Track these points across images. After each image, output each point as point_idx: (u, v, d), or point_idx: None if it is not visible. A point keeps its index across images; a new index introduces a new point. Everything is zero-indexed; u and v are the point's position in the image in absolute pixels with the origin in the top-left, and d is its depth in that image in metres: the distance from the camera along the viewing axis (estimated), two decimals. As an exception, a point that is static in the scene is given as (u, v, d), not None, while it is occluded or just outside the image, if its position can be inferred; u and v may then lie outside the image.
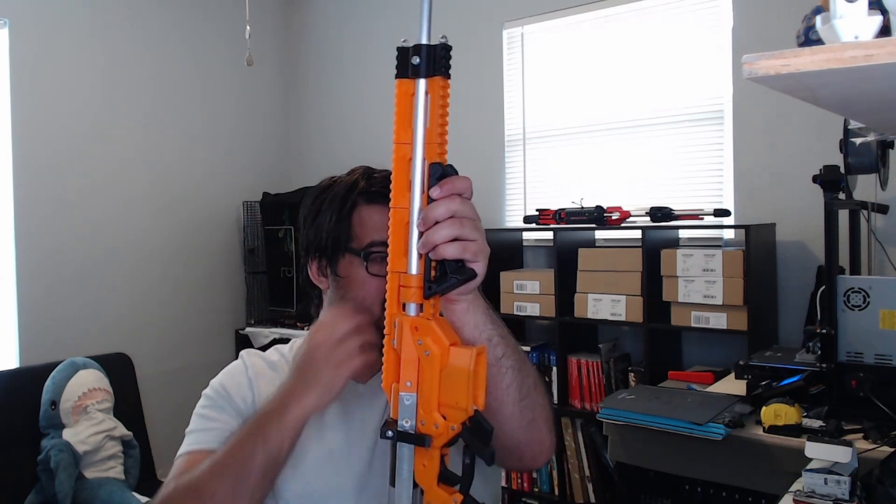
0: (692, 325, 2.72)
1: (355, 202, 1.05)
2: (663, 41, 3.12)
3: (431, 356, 0.71)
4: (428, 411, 0.71)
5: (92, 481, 2.56)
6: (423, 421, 0.71)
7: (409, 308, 0.73)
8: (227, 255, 4.08)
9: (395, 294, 0.74)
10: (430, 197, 0.73)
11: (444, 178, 0.73)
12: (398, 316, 0.74)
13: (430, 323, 0.73)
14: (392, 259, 0.74)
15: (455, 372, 0.71)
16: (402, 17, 3.94)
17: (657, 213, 2.83)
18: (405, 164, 0.74)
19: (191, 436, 1.05)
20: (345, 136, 4.22)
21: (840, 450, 1.35)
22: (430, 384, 0.71)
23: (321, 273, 1.09)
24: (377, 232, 1.03)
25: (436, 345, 0.72)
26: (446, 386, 0.71)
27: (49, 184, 3.30)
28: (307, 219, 1.10)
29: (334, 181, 1.11)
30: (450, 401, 0.71)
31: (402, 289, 0.73)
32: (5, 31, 3.17)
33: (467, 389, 0.70)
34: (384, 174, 1.10)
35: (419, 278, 0.73)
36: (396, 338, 0.73)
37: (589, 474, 2.96)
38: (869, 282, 1.91)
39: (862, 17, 0.71)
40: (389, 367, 0.74)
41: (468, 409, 0.71)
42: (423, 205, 0.74)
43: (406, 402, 0.72)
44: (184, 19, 3.88)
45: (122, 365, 2.97)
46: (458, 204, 0.74)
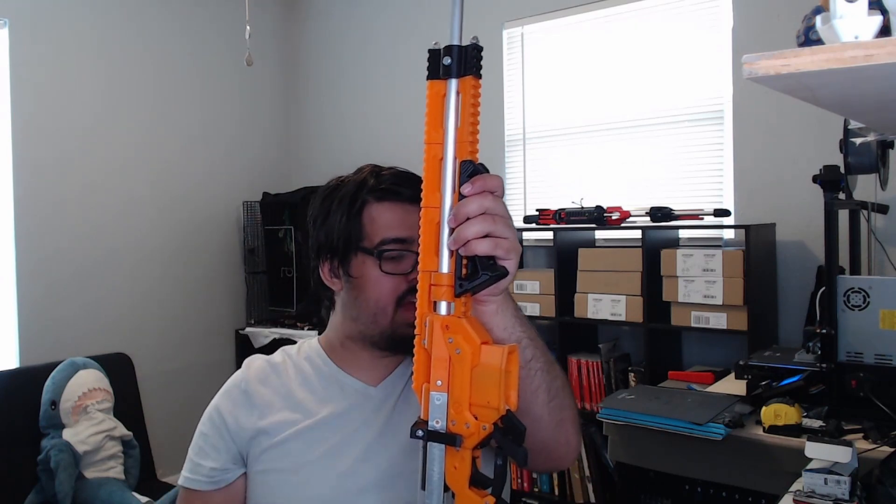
0: (692, 325, 2.73)
1: (365, 200, 1.04)
2: (663, 41, 3.12)
3: (462, 354, 0.71)
4: (459, 411, 0.70)
5: (92, 481, 2.56)
6: (453, 421, 0.70)
7: (440, 307, 0.73)
8: (227, 255, 4.08)
9: (426, 293, 0.73)
10: (462, 194, 0.73)
11: (475, 176, 0.73)
12: (429, 315, 0.73)
13: (461, 321, 0.72)
14: (423, 258, 0.74)
15: (487, 370, 0.70)
16: (403, 17, 3.94)
17: (657, 213, 2.83)
18: (436, 164, 0.73)
19: (188, 464, 1.09)
20: (345, 136, 4.22)
21: (840, 450, 1.35)
22: (462, 383, 0.70)
23: (334, 274, 1.07)
24: (388, 230, 1.03)
25: (467, 343, 0.71)
26: (478, 385, 0.70)
27: (49, 184, 3.30)
28: (317, 220, 1.09)
29: (342, 181, 1.09)
30: (481, 400, 0.70)
31: (433, 287, 0.73)
32: (5, 31, 3.17)
33: (499, 388, 0.69)
34: (393, 171, 1.09)
35: (450, 276, 0.72)
36: (427, 337, 0.72)
37: (589, 474, 2.96)
38: (869, 282, 1.91)
39: (862, 17, 0.71)
40: (420, 366, 0.73)
41: (500, 408, 0.69)
42: (454, 203, 0.73)
43: (437, 401, 0.71)
44: (184, 19, 3.88)
45: (122, 365, 2.97)
46: (489, 201, 0.74)
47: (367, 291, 1.03)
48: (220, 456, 1.07)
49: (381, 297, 1.02)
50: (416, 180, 1.08)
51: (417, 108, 3.12)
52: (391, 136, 3.96)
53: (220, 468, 1.07)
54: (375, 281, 1.02)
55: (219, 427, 1.08)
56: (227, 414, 1.08)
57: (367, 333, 1.05)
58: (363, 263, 1.03)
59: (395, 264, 1.02)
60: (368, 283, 1.03)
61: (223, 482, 1.08)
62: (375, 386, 1.07)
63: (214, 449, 1.08)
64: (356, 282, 1.04)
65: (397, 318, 1.02)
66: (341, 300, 1.09)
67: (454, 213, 0.73)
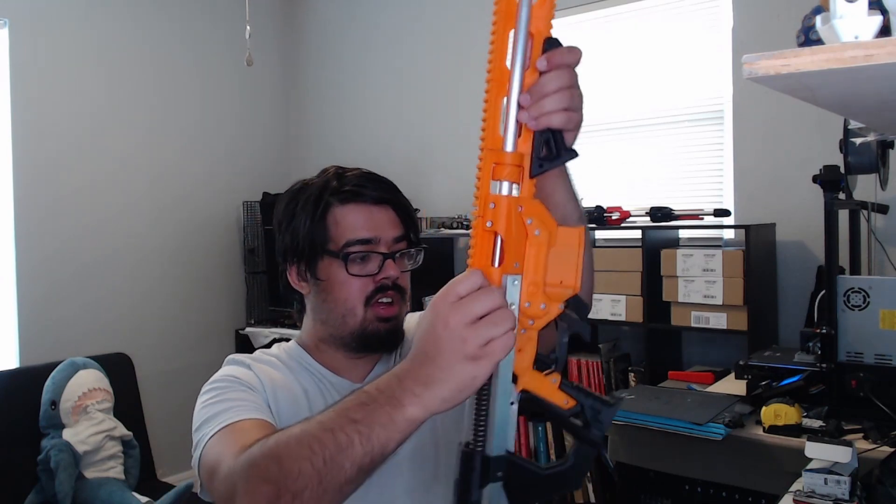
0: (692, 325, 2.72)
1: (329, 203, 1.04)
2: (663, 41, 3.12)
3: (541, 236, 0.69)
4: (534, 292, 0.68)
5: (92, 481, 2.56)
6: (528, 302, 0.68)
7: (503, 187, 0.68)
8: (227, 255, 4.08)
9: (488, 173, 0.69)
10: (537, 67, 0.70)
11: (552, 50, 0.70)
12: (496, 197, 0.68)
13: (537, 202, 0.70)
14: (487, 136, 0.69)
15: (563, 251, 0.69)
16: (402, 17, 3.94)
17: (657, 213, 2.83)
18: (504, 36, 0.70)
19: (216, 418, 0.93)
20: (344, 136, 4.22)
21: (840, 450, 1.35)
22: (538, 264, 0.69)
23: (301, 278, 1.08)
24: (353, 231, 1.03)
25: (544, 224, 0.69)
26: (552, 266, 0.69)
27: (49, 184, 3.30)
28: (282, 224, 1.09)
29: (305, 184, 1.09)
30: (554, 280, 0.69)
31: (497, 167, 0.69)
32: (5, 31, 3.17)
33: (576, 269, 0.69)
34: (357, 172, 1.09)
35: (516, 156, 0.69)
36: (493, 219, 0.68)
37: (589, 474, 2.96)
38: (869, 282, 1.91)
39: (862, 17, 0.71)
40: (481, 249, 0.68)
41: (576, 287, 0.68)
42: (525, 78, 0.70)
43: (513, 283, 0.68)
44: (184, 19, 3.88)
45: (122, 365, 2.97)
46: (567, 77, 0.71)
47: (335, 293, 1.04)
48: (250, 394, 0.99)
49: (349, 298, 1.03)
50: (378, 180, 1.08)
51: (417, 107, 3.15)
52: (391, 136, 3.96)
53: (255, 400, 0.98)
54: (342, 283, 1.03)
55: (236, 381, 1.01)
56: (239, 375, 1.02)
57: (337, 335, 1.06)
58: (329, 266, 1.04)
59: (362, 266, 1.03)
60: (335, 285, 1.03)
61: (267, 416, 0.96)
62: (359, 383, 1.07)
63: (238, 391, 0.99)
64: (324, 284, 1.05)
65: (367, 317, 1.03)
66: (310, 303, 1.10)
67: (532, 90, 0.70)
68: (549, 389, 0.69)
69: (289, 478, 0.71)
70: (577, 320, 0.69)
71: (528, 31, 0.69)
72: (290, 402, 1.03)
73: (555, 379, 0.69)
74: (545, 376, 0.70)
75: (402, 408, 0.69)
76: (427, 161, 3.73)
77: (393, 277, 1.04)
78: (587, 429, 0.69)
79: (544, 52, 0.71)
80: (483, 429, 0.68)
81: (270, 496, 0.71)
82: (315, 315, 1.09)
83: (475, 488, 0.67)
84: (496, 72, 0.69)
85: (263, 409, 0.98)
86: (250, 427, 0.90)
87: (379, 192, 1.06)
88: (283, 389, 1.04)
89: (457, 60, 3.66)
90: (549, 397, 0.69)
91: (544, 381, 0.69)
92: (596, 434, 0.69)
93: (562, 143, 0.72)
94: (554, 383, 0.69)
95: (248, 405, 0.96)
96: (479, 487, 0.67)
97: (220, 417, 0.93)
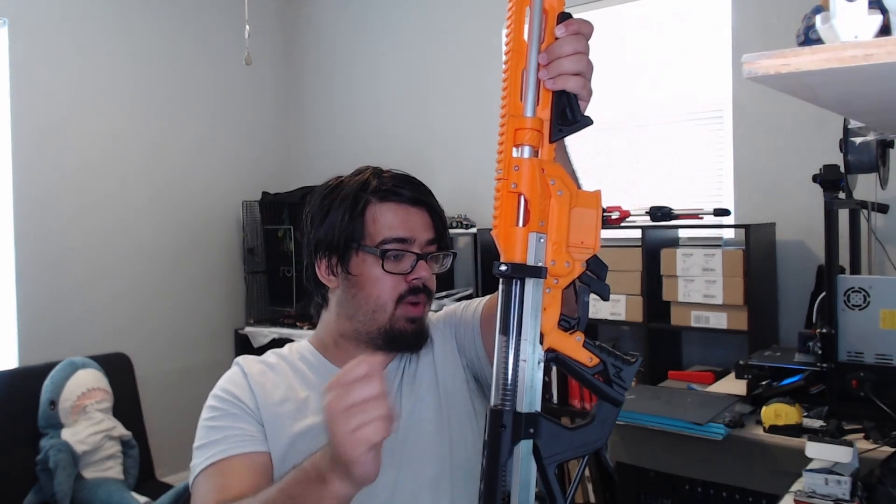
0: (692, 325, 2.72)
1: (367, 200, 1.06)
2: (663, 41, 3.12)
3: (564, 196, 0.72)
4: (558, 251, 0.71)
5: (91, 481, 2.56)
6: (553, 261, 0.71)
7: (524, 151, 0.72)
8: (226, 255, 4.08)
9: (511, 138, 0.72)
10: (556, 35, 0.73)
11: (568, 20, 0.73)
12: (520, 160, 0.71)
13: (557, 164, 0.73)
14: (508, 102, 0.73)
15: (584, 212, 0.72)
16: (402, 17, 3.94)
17: (657, 212, 2.82)
18: (522, 12, 0.73)
19: (209, 448, 0.99)
20: (344, 136, 4.21)
21: (840, 450, 1.35)
22: (561, 224, 0.71)
23: (331, 272, 1.09)
24: (390, 229, 1.05)
25: (566, 185, 0.72)
26: (574, 226, 0.72)
27: (48, 184, 3.30)
28: (315, 217, 1.10)
29: (342, 181, 1.11)
30: (576, 241, 0.71)
31: (519, 132, 0.72)
32: (5, 30, 3.17)
33: (596, 229, 0.72)
34: (393, 173, 1.11)
35: (536, 121, 0.72)
36: (517, 181, 0.71)
37: (589, 474, 2.96)
38: (869, 281, 1.91)
39: (862, 16, 0.71)
40: (507, 210, 0.71)
41: (595, 247, 0.72)
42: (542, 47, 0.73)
43: (539, 241, 0.70)
44: (183, 19, 3.87)
45: (122, 365, 2.97)
46: (582, 43, 0.74)
47: (367, 289, 1.05)
48: (244, 424, 1.02)
49: (382, 294, 1.04)
50: (415, 183, 1.11)
51: (417, 108, 3.15)
52: (390, 136, 3.96)
53: (247, 430, 1.01)
54: (376, 279, 1.04)
55: (232, 402, 1.04)
56: (236, 391, 1.05)
57: (364, 330, 1.07)
58: (364, 261, 1.05)
59: (396, 263, 1.05)
60: (368, 280, 1.05)
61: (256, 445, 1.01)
62: None
63: (234, 419, 1.02)
64: (355, 279, 1.06)
65: (396, 315, 1.05)
66: (336, 298, 1.10)
67: (548, 50, 0.72)
68: (573, 348, 0.72)
69: None
70: (596, 280, 0.72)
71: (543, 7, 0.72)
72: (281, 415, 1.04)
73: (578, 337, 0.72)
74: (570, 335, 0.72)
75: (326, 485, 0.76)
76: (427, 161, 3.73)
77: (424, 278, 1.07)
78: (610, 386, 0.71)
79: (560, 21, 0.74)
80: (511, 387, 0.69)
81: None
82: (341, 310, 1.10)
83: (505, 446, 0.69)
84: (515, 43, 0.72)
85: (254, 434, 1.02)
86: (235, 467, 0.97)
87: (416, 194, 1.09)
88: (276, 401, 1.05)
89: (457, 60, 3.66)
90: (574, 355, 0.72)
91: (569, 339, 0.71)
92: (618, 392, 0.71)
93: (578, 109, 0.74)
94: (578, 342, 0.72)
95: (239, 435, 1.00)
96: (512, 444, 0.69)
97: (212, 449, 0.99)
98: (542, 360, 0.70)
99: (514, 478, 0.69)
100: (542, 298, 0.70)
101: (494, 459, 0.69)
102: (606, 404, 0.72)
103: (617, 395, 0.71)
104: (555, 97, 0.73)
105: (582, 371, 0.71)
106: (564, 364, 0.72)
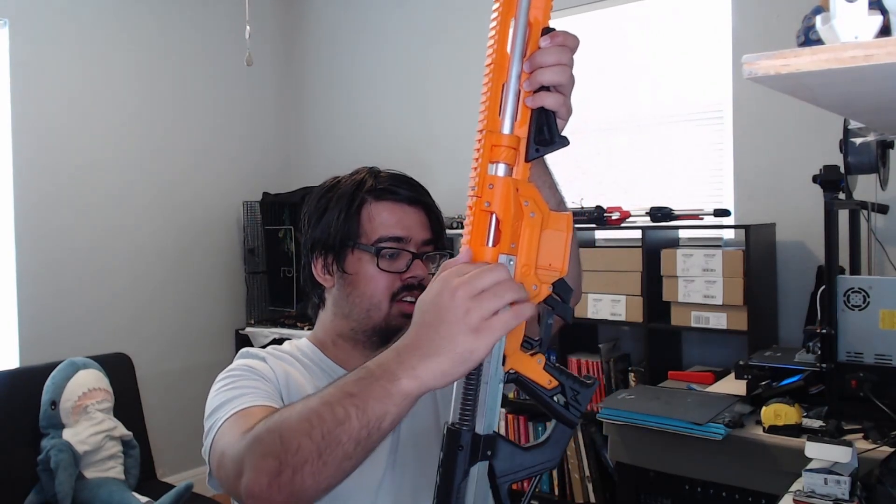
0: (692, 325, 2.72)
1: (364, 199, 1.07)
2: (663, 41, 3.12)
3: (536, 218, 0.71)
4: (527, 273, 0.70)
5: (92, 481, 2.56)
6: (521, 283, 0.70)
7: (498, 169, 0.71)
8: (227, 255, 4.08)
9: (487, 155, 0.71)
10: (540, 46, 0.72)
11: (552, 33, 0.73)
12: (494, 178, 0.70)
13: (532, 185, 0.72)
14: (487, 117, 0.72)
15: (553, 235, 0.71)
16: (402, 18, 3.94)
17: (657, 213, 2.83)
18: (506, 24, 0.72)
19: (227, 404, 0.93)
20: (344, 136, 4.21)
21: (840, 450, 1.35)
22: (532, 246, 0.71)
23: (327, 271, 1.09)
24: (386, 228, 1.06)
25: (538, 207, 0.71)
26: (543, 249, 0.71)
27: (48, 184, 3.30)
28: (312, 217, 1.11)
29: (339, 180, 1.12)
30: (544, 263, 0.71)
31: (495, 149, 0.71)
32: (5, 30, 3.17)
33: (564, 252, 0.71)
34: (390, 173, 1.12)
35: (513, 139, 0.71)
36: (491, 200, 0.70)
37: (589, 474, 2.96)
38: (869, 282, 1.91)
39: (862, 17, 0.71)
40: (478, 229, 0.70)
41: (563, 270, 0.71)
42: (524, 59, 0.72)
43: (509, 263, 0.70)
44: (184, 19, 3.88)
45: (122, 365, 2.97)
46: (567, 56, 0.73)
47: (362, 287, 1.05)
48: (263, 383, 0.99)
49: (377, 292, 1.05)
50: (412, 182, 1.12)
51: (417, 108, 3.15)
52: (390, 136, 3.96)
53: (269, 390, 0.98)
54: (371, 277, 1.05)
55: (250, 370, 1.02)
56: (254, 365, 1.03)
57: (359, 329, 1.07)
58: (359, 260, 1.06)
59: (391, 262, 1.05)
60: (363, 279, 1.05)
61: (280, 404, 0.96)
62: None
63: (255, 379, 1.00)
64: (350, 278, 1.06)
65: (391, 312, 1.05)
66: (332, 297, 1.11)
67: (531, 59, 0.71)
68: (534, 370, 0.72)
69: (289, 452, 0.71)
70: (560, 303, 0.72)
71: (528, 20, 0.71)
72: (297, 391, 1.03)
73: (540, 360, 0.72)
74: (531, 357, 0.72)
75: (396, 381, 0.68)
76: (426, 161, 3.73)
77: (420, 277, 1.06)
78: (566, 409, 0.72)
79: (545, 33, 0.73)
80: (471, 408, 0.69)
81: (272, 471, 0.71)
82: (337, 309, 1.10)
83: (461, 467, 0.69)
84: (498, 56, 0.71)
85: (276, 398, 0.98)
86: (260, 413, 0.88)
87: (413, 193, 1.10)
88: (296, 385, 1.04)
89: (457, 60, 3.66)
90: (534, 377, 0.72)
91: (531, 361, 0.72)
92: (574, 414, 0.72)
93: (556, 129, 0.73)
94: (539, 364, 0.72)
95: (260, 392, 0.96)
96: (469, 465, 0.69)
97: (233, 403, 0.93)
98: (504, 381, 0.71)
99: (469, 499, 0.69)
100: None
101: (449, 479, 0.69)
102: (562, 426, 0.72)
103: (572, 416, 0.72)
104: (534, 115, 0.72)
105: (541, 393, 0.72)
106: (524, 385, 0.72)
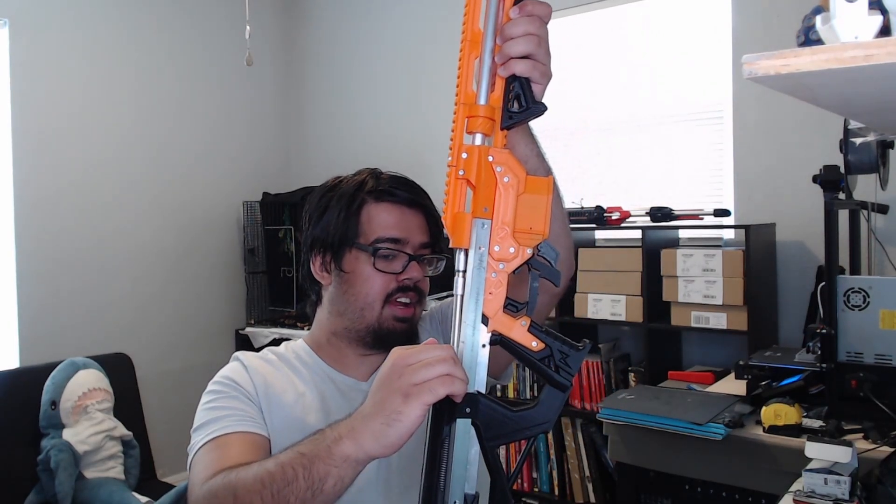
0: (692, 325, 2.72)
1: (364, 200, 1.08)
2: (663, 41, 3.12)
3: (510, 182, 0.72)
4: (504, 236, 0.72)
5: (92, 481, 2.56)
6: (497, 246, 0.72)
7: (476, 139, 0.73)
8: (227, 255, 4.08)
9: (461, 126, 0.74)
10: (510, 17, 0.74)
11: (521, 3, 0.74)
12: (469, 147, 0.73)
13: (506, 152, 0.73)
14: (461, 91, 0.74)
15: (532, 199, 0.72)
16: (402, 18, 3.94)
17: (657, 213, 2.83)
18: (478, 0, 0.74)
19: (208, 426, 0.99)
20: (344, 136, 4.22)
21: (840, 450, 1.35)
22: (506, 209, 0.72)
23: (325, 269, 1.10)
24: (385, 229, 1.07)
25: (513, 172, 0.72)
26: (521, 212, 0.72)
27: (49, 184, 3.30)
28: (313, 215, 1.12)
29: (340, 180, 1.13)
30: (524, 226, 0.72)
31: (470, 119, 0.73)
32: (5, 30, 3.17)
33: (545, 215, 0.72)
34: (391, 174, 1.13)
35: (488, 109, 0.73)
36: (465, 167, 0.72)
37: (589, 474, 2.96)
38: (869, 282, 1.91)
39: (862, 17, 0.71)
40: (455, 196, 0.73)
41: (544, 233, 0.72)
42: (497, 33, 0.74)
43: (482, 227, 0.72)
44: (184, 19, 3.88)
45: (122, 365, 2.97)
46: (535, 25, 0.75)
47: (357, 286, 1.07)
48: (243, 404, 1.03)
49: (371, 292, 1.06)
50: (412, 185, 1.13)
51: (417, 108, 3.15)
52: (390, 137, 3.96)
53: (247, 411, 1.02)
54: (367, 277, 1.06)
55: (232, 386, 1.05)
56: (236, 378, 1.06)
57: (353, 328, 1.08)
58: (357, 259, 1.07)
59: (388, 263, 1.07)
60: (359, 278, 1.06)
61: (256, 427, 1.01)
62: (365, 381, 1.10)
63: (233, 399, 1.03)
64: (347, 277, 1.08)
65: (384, 313, 1.06)
66: (329, 295, 1.12)
67: (501, 32, 0.74)
68: (518, 331, 0.72)
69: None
70: (546, 265, 0.72)
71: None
72: (282, 405, 1.05)
73: (524, 321, 0.72)
74: (514, 318, 0.72)
75: (339, 442, 0.73)
76: (426, 161, 3.73)
77: (415, 279, 1.08)
78: (557, 372, 0.72)
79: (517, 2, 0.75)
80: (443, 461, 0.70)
81: None
82: (332, 307, 1.11)
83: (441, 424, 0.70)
84: (469, 32, 0.74)
85: (254, 416, 1.02)
86: (235, 442, 0.96)
87: (412, 196, 1.11)
88: (277, 392, 1.06)
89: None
90: (519, 339, 0.72)
91: (514, 322, 0.72)
92: (564, 377, 0.72)
93: (531, 96, 0.75)
94: (523, 326, 0.72)
95: (239, 415, 1.00)
96: (448, 423, 0.70)
97: (211, 427, 0.98)
98: (487, 343, 0.72)
99: (450, 454, 0.71)
100: (487, 282, 0.71)
101: (436, 436, 0.70)
102: (552, 389, 0.72)
103: (563, 380, 0.72)
104: (506, 83, 0.74)
105: (527, 354, 0.72)
106: (509, 347, 0.73)
